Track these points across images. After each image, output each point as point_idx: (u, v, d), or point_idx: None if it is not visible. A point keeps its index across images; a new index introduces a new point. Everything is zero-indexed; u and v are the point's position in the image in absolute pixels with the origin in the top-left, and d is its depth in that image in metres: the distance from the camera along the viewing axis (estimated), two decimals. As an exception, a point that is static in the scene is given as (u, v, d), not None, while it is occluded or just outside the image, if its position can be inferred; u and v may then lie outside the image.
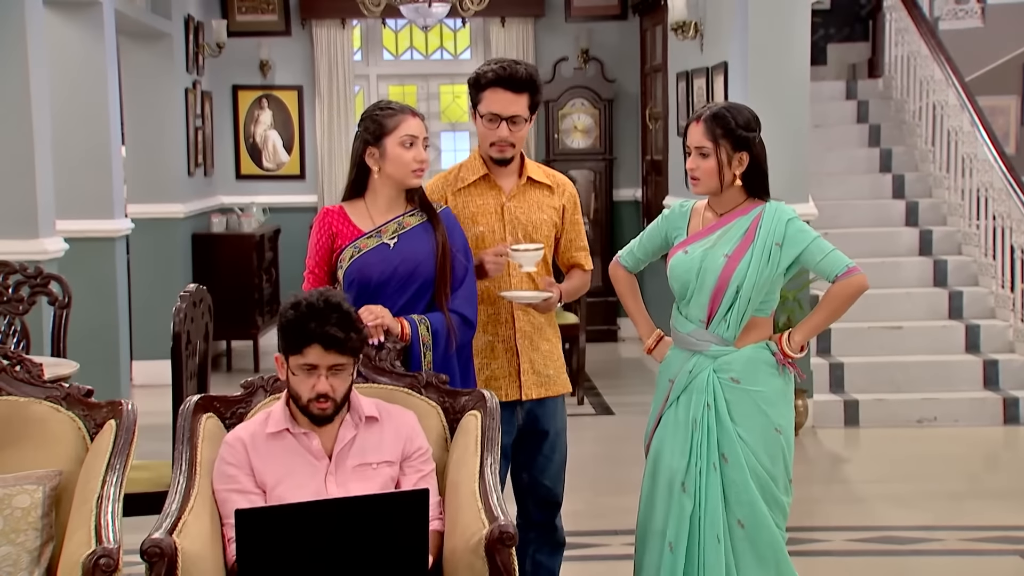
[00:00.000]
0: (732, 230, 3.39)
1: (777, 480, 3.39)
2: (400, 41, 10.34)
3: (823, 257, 3.35)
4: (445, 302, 3.45)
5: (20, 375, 3.21)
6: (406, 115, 3.46)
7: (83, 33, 6.89)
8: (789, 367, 3.42)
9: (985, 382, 7.40)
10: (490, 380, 3.67)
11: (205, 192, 9.42)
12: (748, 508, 3.35)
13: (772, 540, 3.37)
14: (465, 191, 3.69)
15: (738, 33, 6.88)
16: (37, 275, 5.17)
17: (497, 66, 3.58)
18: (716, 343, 3.40)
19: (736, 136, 3.35)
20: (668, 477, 3.43)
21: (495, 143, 3.62)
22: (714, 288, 3.36)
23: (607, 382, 8.36)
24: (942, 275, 8.02)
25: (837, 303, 3.36)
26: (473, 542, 2.85)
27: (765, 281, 3.35)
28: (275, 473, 3.02)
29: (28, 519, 3.00)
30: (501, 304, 3.68)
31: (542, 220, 3.72)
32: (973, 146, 8.08)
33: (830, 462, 6.67)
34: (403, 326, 3.40)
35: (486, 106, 3.59)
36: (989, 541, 5.18)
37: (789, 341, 3.39)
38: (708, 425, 3.37)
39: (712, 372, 3.39)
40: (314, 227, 3.53)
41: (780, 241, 3.34)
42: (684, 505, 3.38)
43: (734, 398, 3.38)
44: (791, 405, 3.46)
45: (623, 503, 3.62)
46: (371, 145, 3.44)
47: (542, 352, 3.74)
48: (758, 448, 3.36)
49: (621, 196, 10.05)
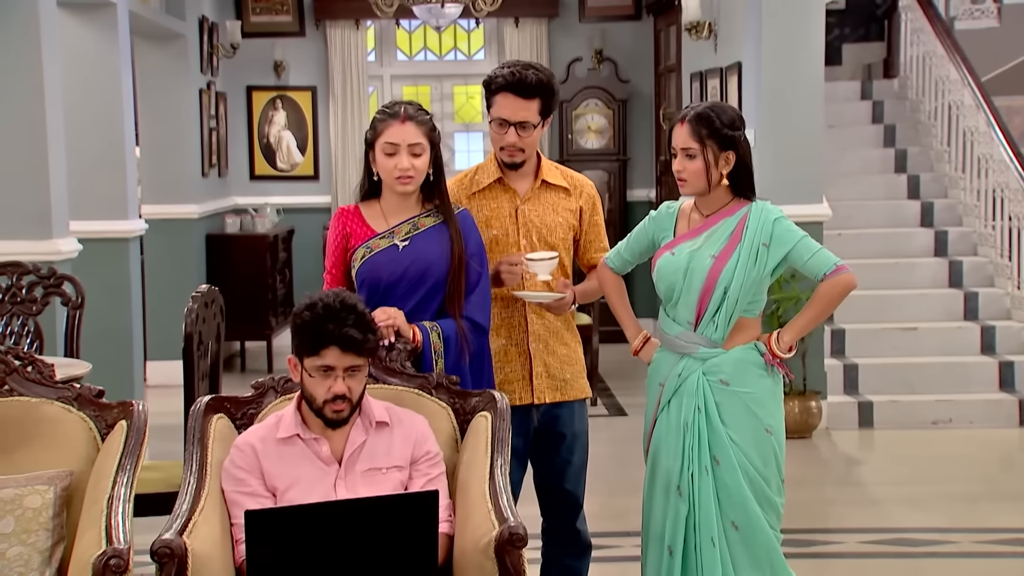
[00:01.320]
0: (719, 231, 3.38)
1: (770, 481, 3.37)
2: (414, 42, 10.35)
3: (810, 256, 3.32)
4: (458, 308, 3.43)
5: (32, 376, 3.21)
6: (394, 121, 3.39)
7: (97, 34, 6.91)
8: (778, 367, 3.40)
9: (1001, 383, 7.37)
10: (503, 384, 3.65)
11: (219, 193, 9.44)
12: (741, 510, 3.33)
13: (766, 541, 3.34)
14: (480, 194, 3.68)
15: (752, 33, 6.86)
16: (50, 276, 5.18)
17: (508, 71, 3.54)
18: (704, 345, 3.38)
19: (722, 136, 3.34)
20: (664, 481, 3.43)
21: (504, 148, 3.61)
22: (701, 290, 3.35)
23: (621, 383, 8.34)
24: (957, 276, 7.99)
25: (825, 302, 3.34)
26: (483, 543, 2.85)
27: (752, 282, 3.33)
28: (285, 478, 3.02)
29: (39, 519, 3.00)
30: (515, 307, 3.67)
31: (557, 223, 3.70)
32: (989, 146, 8.04)
33: (844, 464, 6.64)
34: (415, 333, 3.39)
35: (495, 111, 3.58)
36: (1004, 543, 5.15)
37: (778, 341, 3.36)
38: (699, 428, 3.36)
39: (701, 375, 3.37)
40: (330, 227, 3.52)
41: (767, 241, 3.32)
42: (679, 509, 3.38)
43: (724, 400, 3.36)
44: (781, 405, 3.44)
45: (637, 504, 3.61)
46: (370, 148, 3.45)
47: (558, 356, 3.72)
48: (749, 449, 3.34)
49: (635, 196, 10.02)
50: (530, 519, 3.09)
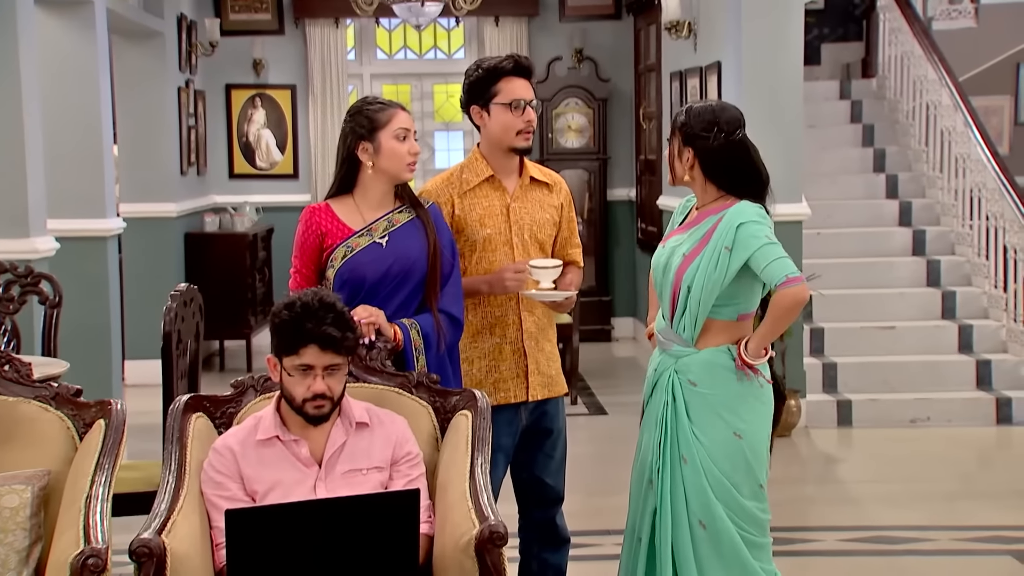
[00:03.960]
0: (700, 228, 3.39)
1: (739, 486, 3.34)
2: (394, 40, 10.33)
3: (766, 265, 3.27)
4: (435, 302, 3.45)
5: (8, 374, 3.19)
6: (396, 109, 3.47)
7: (75, 32, 6.86)
8: (748, 373, 3.35)
9: (978, 382, 7.41)
10: (498, 382, 3.67)
11: (198, 191, 9.40)
12: (706, 510, 3.33)
13: (732, 543, 3.33)
14: (471, 193, 3.69)
15: (732, 33, 6.88)
16: (28, 274, 5.15)
17: (504, 57, 3.66)
18: (678, 343, 3.39)
19: (686, 132, 3.39)
20: (640, 471, 3.47)
21: (522, 130, 3.64)
22: (672, 285, 3.37)
23: (601, 382, 8.35)
24: (935, 275, 8.03)
25: (778, 312, 3.28)
26: (463, 542, 2.84)
27: (714, 284, 3.29)
28: (264, 481, 3.00)
29: (16, 519, 2.98)
30: (508, 306, 3.68)
31: (545, 219, 3.74)
32: (966, 146, 8.08)
33: (823, 462, 6.67)
34: (396, 332, 3.39)
35: (509, 94, 3.62)
36: (982, 541, 5.18)
37: (746, 348, 3.34)
38: (667, 424, 3.38)
39: (674, 372, 3.39)
40: (300, 226, 3.50)
41: (729, 246, 3.29)
42: (649, 500, 3.41)
43: (692, 400, 3.36)
44: (756, 410, 3.39)
45: (616, 503, 3.62)
46: (364, 140, 3.43)
47: (546, 353, 3.76)
48: (715, 452, 3.33)
49: (615, 196, 10.04)
50: (508, 517, 3.08)
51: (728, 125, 3.39)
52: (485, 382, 3.65)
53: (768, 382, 3.42)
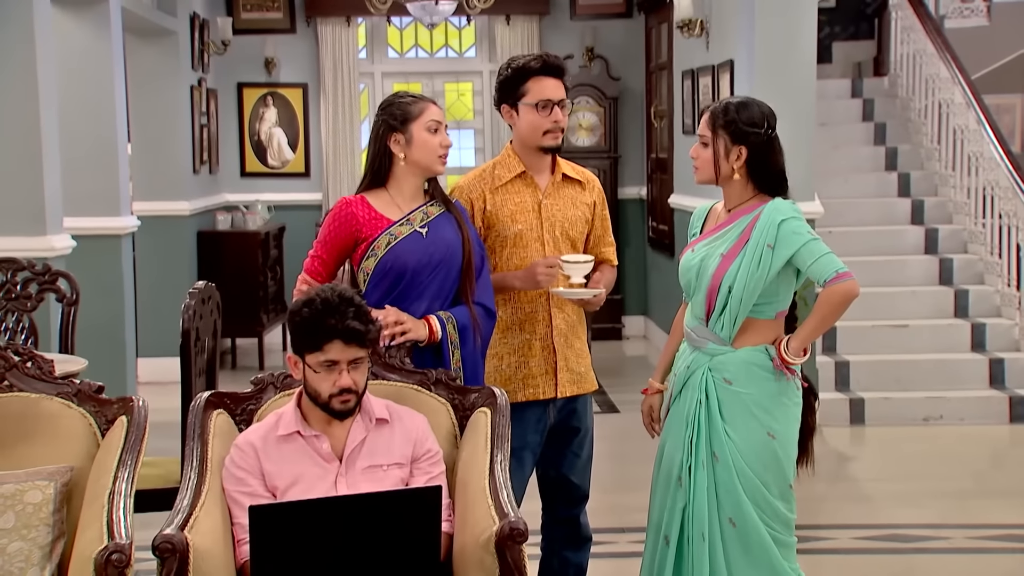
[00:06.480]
0: (734, 228, 3.36)
1: (769, 486, 3.33)
2: (405, 39, 10.34)
3: (813, 261, 3.25)
4: (471, 294, 3.48)
5: (31, 371, 3.21)
6: (428, 102, 3.51)
7: (89, 31, 6.89)
8: (786, 373, 3.34)
9: (991, 380, 7.40)
10: (527, 378, 3.68)
11: (210, 190, 9.43)
12: (736, 508, 3.32)
13: (762, 542, 3.32)
14: (503, 189, 3.70)
15: (744, 31, 6.88)
16: (45, 272, 5.18)
17: (534, 57, 3.67)
18: (714, 342, 3.37)
19: (734, 129, 3.33)
20: (667, 470, 3.45)
21: (550, 130, 3.64)
22: (708, 287, 3.34)
23: (612, 380, 8.35)
24: (948, 273, 8.02)
25: (826, 309, 3.26)
26: (483, 539, 2.85)
27: (756, 283, 3.27)
28: (286, 476, 3.02)
29: (40, 515, 3.00)
30: (539, 302, 3.69)
31: (577, 216, 3.75)
32: (979, 144, 8.07)
33: (836, 460, 6.67)
34: (431, 326, 3.41)
35: (537, 94, 3.63)
36: (995, 539, 5.18)
37: (787, 348, 3.32)
38: (699, 422, 3.36)
39: (708, 371, 3.36)
40: (332, 215, 3.47)
41: (772, 243, 3.26)
42: (678, 499, 3.39)
43: (726, 399, 3.34)
44: (790, 410, 3.38)
45: (629, 501, 3.63)
46: (396, 131, 3.45)
47: (575, 350, 3.76)
48: (747, 451, 3.32)
49: (626, 194, 10.05)
50: (529, 514, 3.10)
51: (771, 120, 3.38)
52: (514, 378, 3.66)
53: (804, 385, 3.41)
